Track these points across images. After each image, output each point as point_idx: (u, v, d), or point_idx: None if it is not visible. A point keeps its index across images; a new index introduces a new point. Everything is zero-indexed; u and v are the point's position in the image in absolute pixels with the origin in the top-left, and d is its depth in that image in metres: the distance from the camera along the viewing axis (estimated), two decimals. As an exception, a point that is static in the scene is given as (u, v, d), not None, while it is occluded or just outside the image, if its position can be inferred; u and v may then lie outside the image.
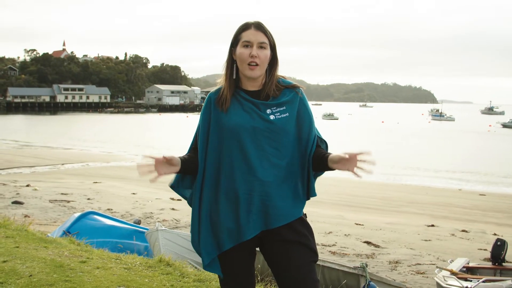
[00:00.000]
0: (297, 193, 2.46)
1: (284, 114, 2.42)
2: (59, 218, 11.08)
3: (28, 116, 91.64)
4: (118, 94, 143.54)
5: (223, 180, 2.41)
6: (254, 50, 2.38)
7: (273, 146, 2.39)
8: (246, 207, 2.37)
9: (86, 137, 43.94)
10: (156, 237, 6.49)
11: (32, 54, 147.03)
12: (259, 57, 2.39)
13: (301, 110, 2.47)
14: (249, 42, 2.39)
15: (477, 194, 18.88)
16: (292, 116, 2.43)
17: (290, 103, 2.45)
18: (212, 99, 2.49)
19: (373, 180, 22.73)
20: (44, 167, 22.82)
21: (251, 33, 2.40)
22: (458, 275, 6.42)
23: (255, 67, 2.39)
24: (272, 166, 2.38)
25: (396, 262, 8.80)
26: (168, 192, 15.85)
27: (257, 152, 2.38)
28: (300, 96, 2.49)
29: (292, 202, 2.43)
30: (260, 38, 2.40)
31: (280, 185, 2.40)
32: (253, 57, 2.38)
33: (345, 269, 5.89)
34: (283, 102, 2.44)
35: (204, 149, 2.47)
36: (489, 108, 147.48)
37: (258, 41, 2.39)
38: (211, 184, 2.45)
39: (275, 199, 2.38)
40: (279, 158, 2.40)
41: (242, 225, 2.37)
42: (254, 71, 2.40)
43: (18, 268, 4.28)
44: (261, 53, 2.39)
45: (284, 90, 2.48)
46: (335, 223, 12.00)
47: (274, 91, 2.46)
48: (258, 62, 2.39)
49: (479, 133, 58.66)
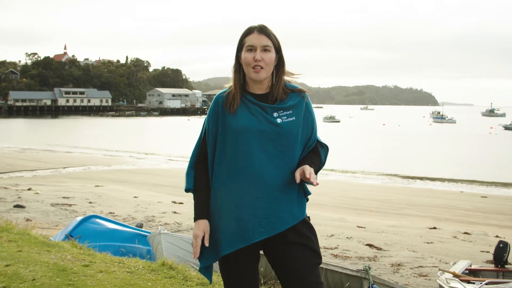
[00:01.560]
0: (300, 195, 2.49)
1: (290, 118, 2.44)
2: (61, 221, 11.07)
3: (30, 119, 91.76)
4: (119, 98, 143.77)
5: (230, 182, 2.42)
6: (258, 54, 2.40)
7: (279, 149, 2.41)
8: (252, 211, 2.38)
9: (87, 141, 43.95)
10: (159, 240, 6.48)
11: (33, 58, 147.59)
12: (263, 60, 2.40)
13: (306, 115, 2.49)
14: (253, 46, 2.41)
15: (478, 196, 18.84)
16: (298, 120, 2.45)
17: (297, 107, 2.47)
18: (220, 101, 2.50)
19: (375, 182, 22.73)
20: (46, 170, 22.82)
21: (254, 37, 2.42)
22: (461, 277, 6.41)
23: (260, 70, 2.41)
24: (278, 169, 2.40)
25: (398, 264, 8.78)
26: (170, 195, 15.85)
27: (264, 155, 2.39)
28: (306, 101, 2.51)
29: (297, 203, 2.47)
30: (264, 41, 2.41)
31: (285, 188, 2.42)
32: (256, 60, 2.39)
33: (348, 272, 5.88)
34: (290, 106, 2.46)
35: (213, 151, 2.48)
36: (490, 110, 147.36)
37: (262, 45, 2.41)
38: (219, 186, 2.46)
39: (282, 202, 2.41)
40: (285, 161, 2.42)
41: (248, 229, 2.39)
42: (259, 74, 2.41)
43: (21, 272, 4.28)
44: (265, 56, 2.41)
45: (291, 94, 2.50)
46: (337, 226, 11.98)
47: (281, 95, 2.48)
48: (263, 65, 2.40)
49: (480, 136, 58.59)
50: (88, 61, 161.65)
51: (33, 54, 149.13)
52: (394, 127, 76.18)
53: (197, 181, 2.51)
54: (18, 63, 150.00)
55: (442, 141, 48.81)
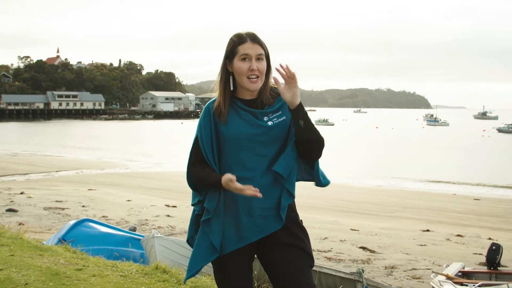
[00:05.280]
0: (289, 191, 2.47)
1: (281, 118, 2.47)
2: (54, 225, 11.03)
3: (22, 123, 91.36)
4: (112, 101, 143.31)
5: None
6: (254, 64, 2.41)
7: (271, 150, 2.44)
8: (247, 211, 2.41)
9: (80, 144, 43.78)
10: (152, 244, 6.46)
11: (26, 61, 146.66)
12: (258, 70, 2.41)
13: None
14: (247, 55, 2.41)
15: (471, 199, 18.94)
16: (288, 118, 2.47)
17: (284, 106, 2.48)
18: (211, 109, 2.51)
19: (368, 185, 22.78)
20: (38, 174, 22.72)
21: (248, 47, 2.42)
22: (454, 279, 6.43)
23: (257, 80, 2.43)
24: (271, 170, 2.43)
25: (392, 267, 8.80)
26: (163, 198, 15.82)
27: (256, 158, 2.43)
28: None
29: (287, 199, 2.47)
30: (258, 50, 2.43)
31: (276, 187, 2.44)
32: (253, 70, 2.40)
33: (342, 274, 5.88)
34: (279, 107, 2.49)
35: (212, 156, 2.48)
36: (482, 113, 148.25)
37: (256, 54, 2.42)
38: (215, 191, 2.47)
39: (275, 202, 2.44)
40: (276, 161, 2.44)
41: (244, 229, 2.42)
42: (256, 84, 2.43)
43: (13, 277, 4.25)
44: (259, 65, 2.42)
45: (278, 97, 2.52)
46: (330, 229, 12.00)
47: (269, 99, 2.50)
48: (258, 74, 2.42)
49: (473, 138, 58.88)
50: (81, 64, 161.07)
51: (25, 57, 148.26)
52: (387, 130, 76.45)
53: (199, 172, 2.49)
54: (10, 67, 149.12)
55: (436, 144, 48.98)
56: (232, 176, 2.31)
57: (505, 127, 76.27)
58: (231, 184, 2.31)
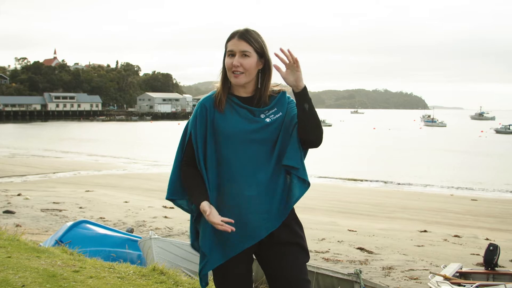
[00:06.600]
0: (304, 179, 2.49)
1: (277, 114, 2.49)
2: (51, 227, 11.00)
3: (19, 124, 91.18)
4: (109, 102, 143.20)
5: (224, 185, 2.45)
6: (236, 60, 2.44)
7: (269, 146, 2.46)
8: (254, 208, 2.42)
9: (77, 146, 43.72)
10: (149, 245, 6.45)
11: (22, 63, 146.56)
12: (242, 66, 2.43)
13: (289, 106, 2.53)
14: (232, 51, 2.45)
15: (469, 199, 18.95)
16: (284, 113, 2.50)
17: (279, 102, 2.52)
18: (207, 104, 2.51)
19: (366, 186, 22.80)
20: (35, 176, 22.66)
21: (233, 43, 2.46)
22: (451, 280, 6.44)
23: (240, 75, 2.45)
24: (269, 166, 2.44)
25: (389, 268, 8.80)
26: (161, 200, 15.79)
27: (254, 154, 2.44)
28: (287, 95, 2.57)
29: (286, 193, 2.48)
30: (242, 47, 2.44)
31: (279, 183, 2.46)
32: (234, 66, 2.43)
33: (340, 275, 5.89)
34: (274, 104, 2.52)
35: (204, 155, 2.48)
36: (479, 113, 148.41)
37: (240, 50, 2.44)
38: (214, 188, 2.47)
39: (277, 196, 2.45)
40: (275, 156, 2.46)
41: (255, 227, 2.42)
42: (238, 79, 2.46)
43: (10, 279, 4.24)
44: (243, 61, 2.43)
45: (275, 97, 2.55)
46: (328, 230, 12.00)
47: (266, 99, 2.51)
48: (242, 70, 2.44)
49: (471, 139, 58.97)
50: (78, 65, 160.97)
51: (22, 58, 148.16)
52: (385, 130, 76.51)
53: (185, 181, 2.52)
54: (7, 68, 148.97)
55: (433, 145, 49.04)
56: (207, 209, 2.35)
57: (503, 128, 76.48)
58: (206, 217, 2.36)
